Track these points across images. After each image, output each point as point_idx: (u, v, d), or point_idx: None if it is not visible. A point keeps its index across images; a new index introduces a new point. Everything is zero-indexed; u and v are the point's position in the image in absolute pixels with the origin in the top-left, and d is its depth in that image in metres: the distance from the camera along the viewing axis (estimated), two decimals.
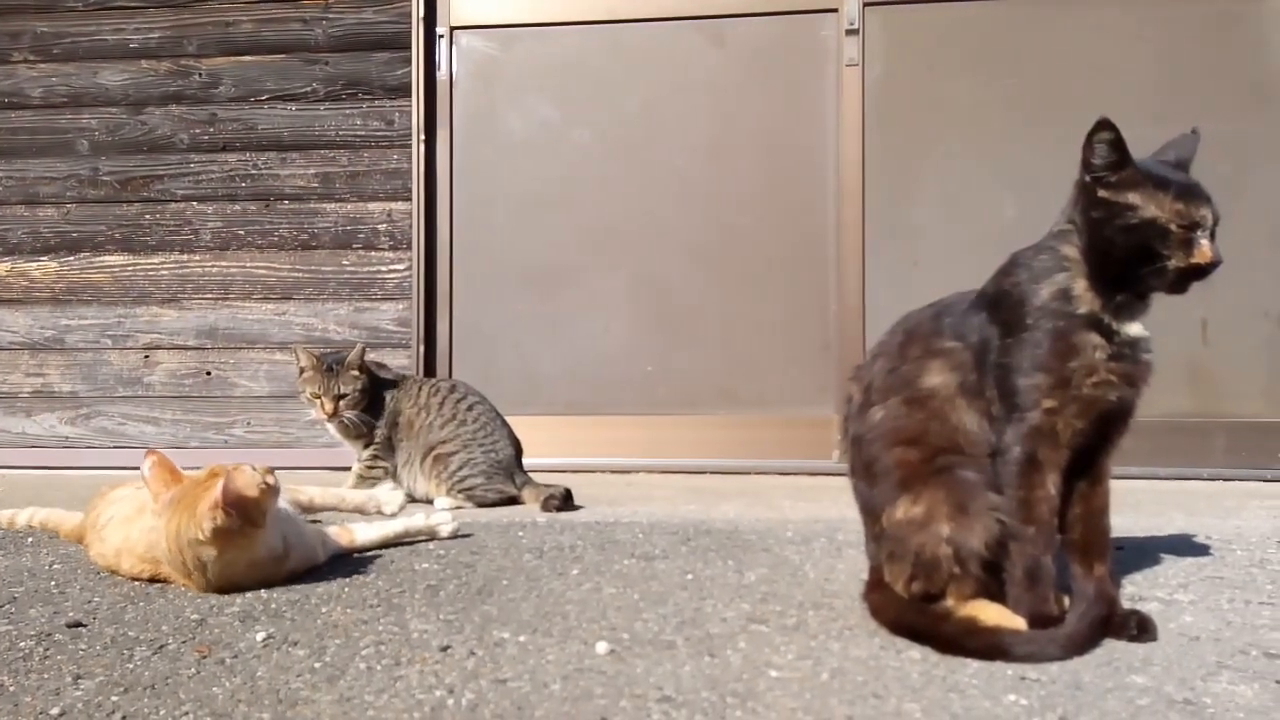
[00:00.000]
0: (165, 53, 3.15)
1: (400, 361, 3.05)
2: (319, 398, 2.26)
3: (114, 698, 1.02)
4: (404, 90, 3.06)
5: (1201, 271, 1.16)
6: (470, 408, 2.28)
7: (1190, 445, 2.74)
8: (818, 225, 3.00)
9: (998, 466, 1.21)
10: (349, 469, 2.85)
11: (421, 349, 3.02)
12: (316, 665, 1.12)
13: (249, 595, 1.43)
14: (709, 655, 1.14)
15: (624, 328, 3.07)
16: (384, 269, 3.07)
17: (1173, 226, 1.15)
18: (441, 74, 3.11)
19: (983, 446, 1.22)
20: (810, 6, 3.00)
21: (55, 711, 0.99)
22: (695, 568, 1.56)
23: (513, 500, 2.25)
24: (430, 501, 2.24)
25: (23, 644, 1.21)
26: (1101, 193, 1.19)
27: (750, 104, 3.05)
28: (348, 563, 1.63)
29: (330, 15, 3.10)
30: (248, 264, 3.09)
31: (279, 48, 3.11)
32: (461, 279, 3.11)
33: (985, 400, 1.23)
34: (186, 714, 0.98)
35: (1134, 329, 1.18)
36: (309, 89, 3.09)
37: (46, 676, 1.09)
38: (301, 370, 2.32)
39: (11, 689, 1.05)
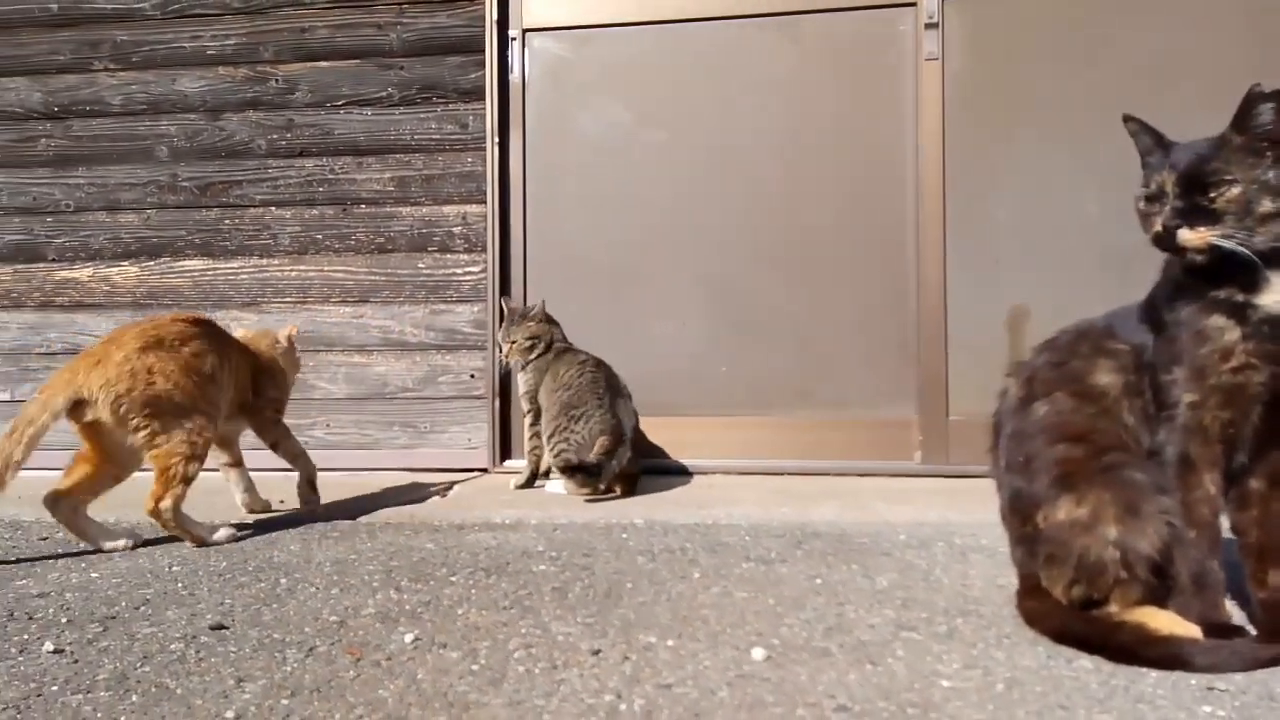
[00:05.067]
0: (242, 59, 3.19)
1: (476, 364, 3.06)
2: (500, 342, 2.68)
3: (284, 701, 1.02)
4: (478, 93, 3.06)
5: (1163, 245, 1.15)
6: (580, 374, 2.52)
7: None
8: (896, 223, 2.95)
9: (1158, 468, 1.17)
10: (427, 469, 2.92)
11: (497, 351, 3.02)
12: (474, 668, 1.11)
13: (379, 596, 1.43)
14: (870, 663, 1.11)
15: (698, 328, 3.05)
16: (459, 271, 3.08)
17: (1140, 204, 1.20)
18: (514, 76, 3.11)
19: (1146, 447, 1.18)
20: (888, 0, 2.95)
21: (230, 715, 0.98)
22: (820, 572, 1.53)
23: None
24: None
25: (172, 646, 1.22)
26: None
27: (826, 101, 3.00)
28: (467, 564, 1.63)
29: (404, 20, 3.11)
30: (325, 268, 3.12)
31: (354, 53, 3.13)
32: (535, 281, 3.10)
33: (1144, 400, 1.19)
34: (360, 717, 0.97)
35: (1270, 301, 1.10)
36: (384, 93, 3.11)
37: (208, 679, 1.09)
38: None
39: (179, 692, 1.05)
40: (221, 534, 1.86)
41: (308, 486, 2.20)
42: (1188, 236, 1.11)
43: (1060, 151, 2.88)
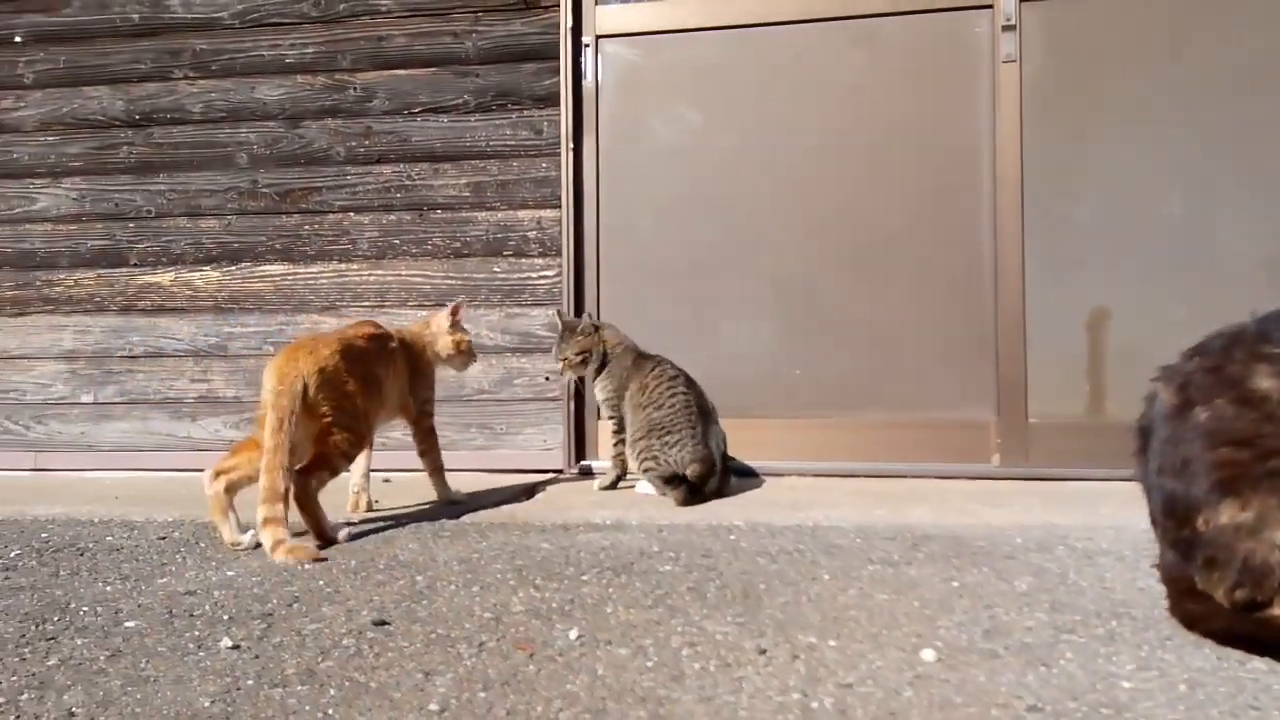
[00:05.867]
0: (320, 67, 3.25)
1: (551, 366, 3.09)
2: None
3: (480, 694, 1.05)
4: (552, 100, 3.10)
5: None
6: (673, 394, 2.45)
7: None
8: (972, 225, 2.95)
9: None
10: (503, 470, 2.98)
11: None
12: (648, 665, 1.14)
13: (521, 594, 1.46)
14: (1042, 665, 1.12)
15: (771, 331, 3.07)
16: (534, 275, 3.12)
17: None
18: (587, 82, 3.14)
19: None
20: (963, 3, 2.96)
21: (434, 707, 1.01)
22: (951, 575, 1.54)
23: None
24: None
25: (344, 642, 1.25)
26: None
27: (900, 103, 3.01)
28: (590, 563, 1.66)
29: (480, 28, 3.16)
30: (403, 272, 3.17)
31: (431, 61, 3.18)
32: (609, 284, 3.13)
33: None
34: (560, 711, 1.00)
35: None
36: (460, 100, 3.16)
37: (394, 673, 1.13)
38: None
39: (373, 685, 1.09)
40: (341, 532, 1.90)
41: (445, 502, 2.37)
42: None
43: (1142, 152, 2.87)
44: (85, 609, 1.44)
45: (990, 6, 2.93)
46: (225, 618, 1.38)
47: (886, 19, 3.03)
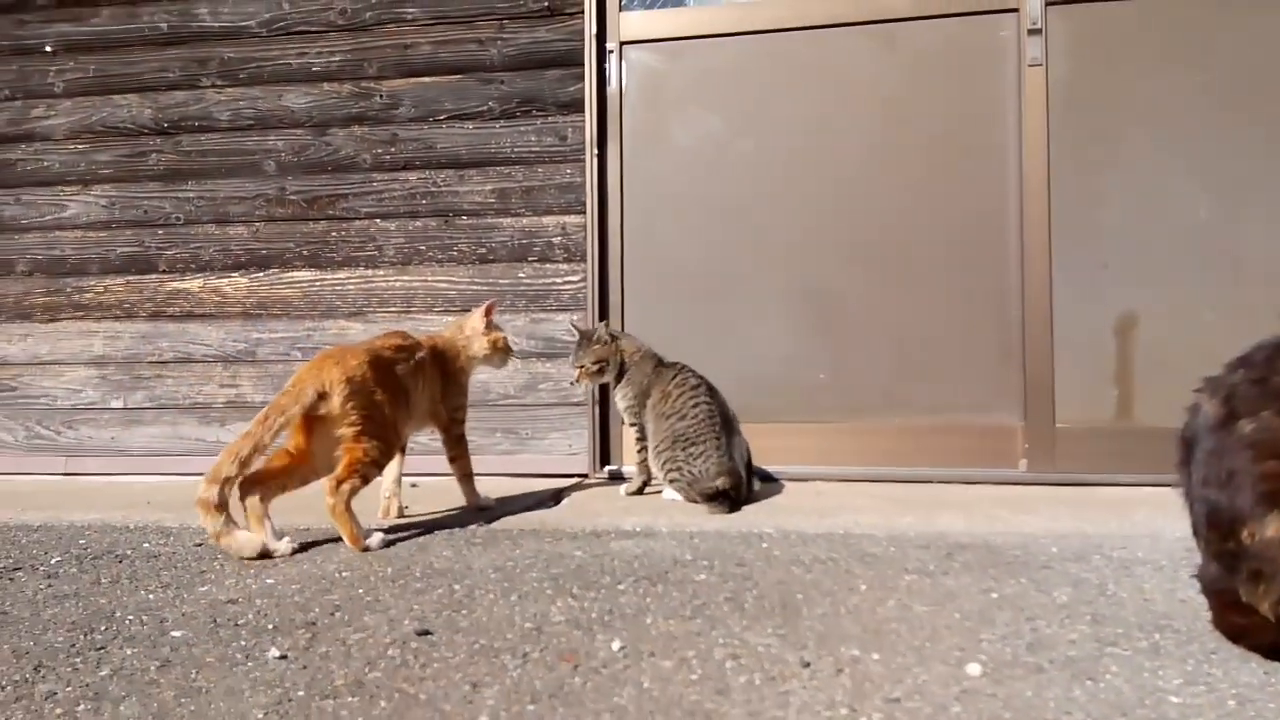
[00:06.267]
0: (346, 75, 3.28)
1: (574, 370, 3.10)
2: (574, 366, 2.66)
3: (529, 707, 1.06)
4: (576, 106, 3.11)
5: None
6: (696, 404, 2.43)
7: None
8: (997, 229, 2.94)
9: None
10: (527, 475, 2.98)
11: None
12: (693, 678, 1.14)
13: (559, 603, 1.47)
14: (1088, 680, 1.12)
15: (794, 336, 3.07)
16: (559, 281, 3.13)
17: None
18: (611, 88, 3.15)
19: None
20: (988, 7, 2.95)
21: None
22: (989, 585, 1.54)
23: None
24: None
25: (390, 652, 1.27)
26: None
27: (925, 107, 3.00)
28: (626, 572, 1.66)
29: (504, 35, 3.18)
30: (429, 278, 3.20)
31: (456, 68, 3.20)
32: (633, 289, 3.14)
33: None
34: None
35: None
36: (485, 107, 3.18)
37: (441, 684, 1.14)
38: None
39: (422, 697, 1.10)
40: (375, 539, 1.92)
41: (475, 508, 2.38)
42: None
43: (1169, 155, 2.85)
44: (130, 618, 1.46)
45: (1016, 10, 2.92)
46: (270, 627, 1.40)
47: (910, 23, 3.03)
